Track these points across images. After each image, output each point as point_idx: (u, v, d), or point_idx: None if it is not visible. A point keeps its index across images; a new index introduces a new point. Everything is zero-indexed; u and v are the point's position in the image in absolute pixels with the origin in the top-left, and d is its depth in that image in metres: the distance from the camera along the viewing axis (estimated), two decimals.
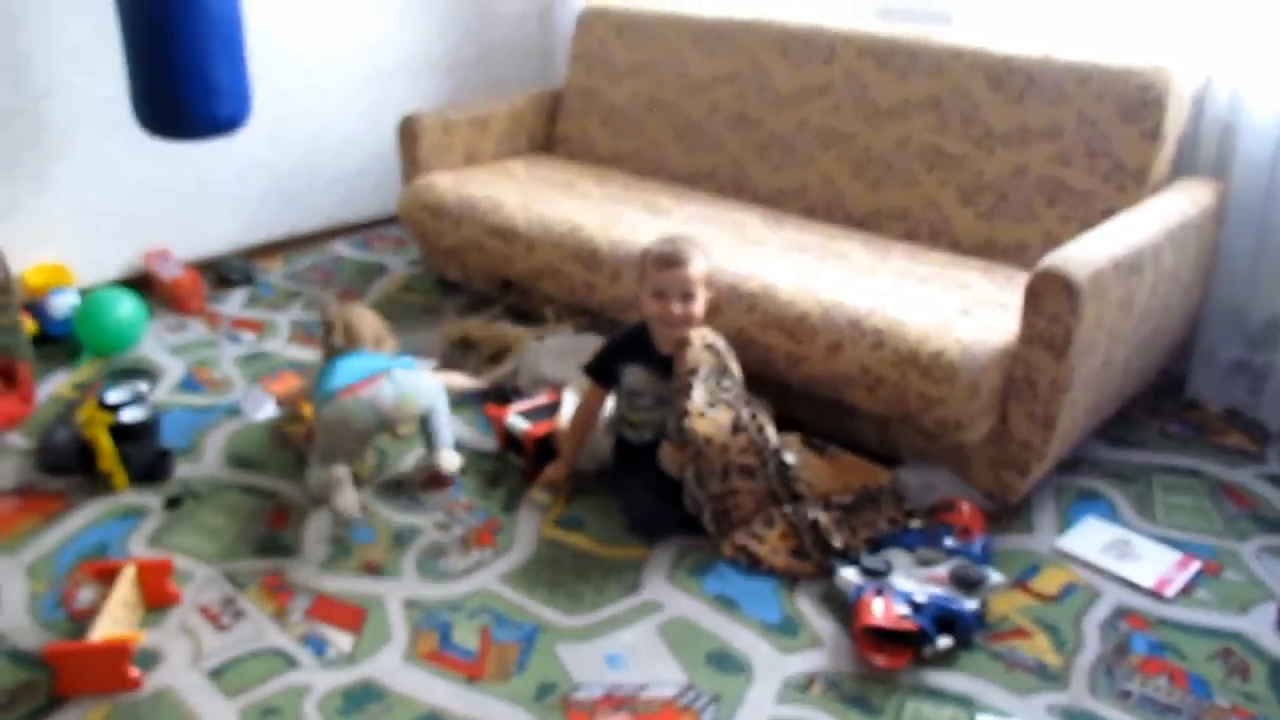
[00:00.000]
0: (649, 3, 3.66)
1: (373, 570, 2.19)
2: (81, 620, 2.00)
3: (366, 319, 2.66)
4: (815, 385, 2.50)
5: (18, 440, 2.64)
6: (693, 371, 2.26)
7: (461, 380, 2.83)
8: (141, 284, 3.46)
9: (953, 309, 2.41)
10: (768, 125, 3.26)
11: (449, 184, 3.39)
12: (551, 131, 3.87)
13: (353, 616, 2.05)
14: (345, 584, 2.14)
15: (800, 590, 2.15)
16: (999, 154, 2.80)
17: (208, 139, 2.96)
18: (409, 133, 3.50)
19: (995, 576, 2.11)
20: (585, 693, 1.88)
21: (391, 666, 1.93)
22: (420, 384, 2.46)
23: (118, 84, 3.21)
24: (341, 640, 1.99)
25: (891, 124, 3.00)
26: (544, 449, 2.50)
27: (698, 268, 2.33)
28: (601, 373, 2.45)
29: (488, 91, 4.25)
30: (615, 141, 3.65)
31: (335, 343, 2.58)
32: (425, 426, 2.48)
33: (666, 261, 2.33)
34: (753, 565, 2.20)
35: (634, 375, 2.40)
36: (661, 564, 2.22)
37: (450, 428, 2.52)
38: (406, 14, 4.04)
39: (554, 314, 3.13)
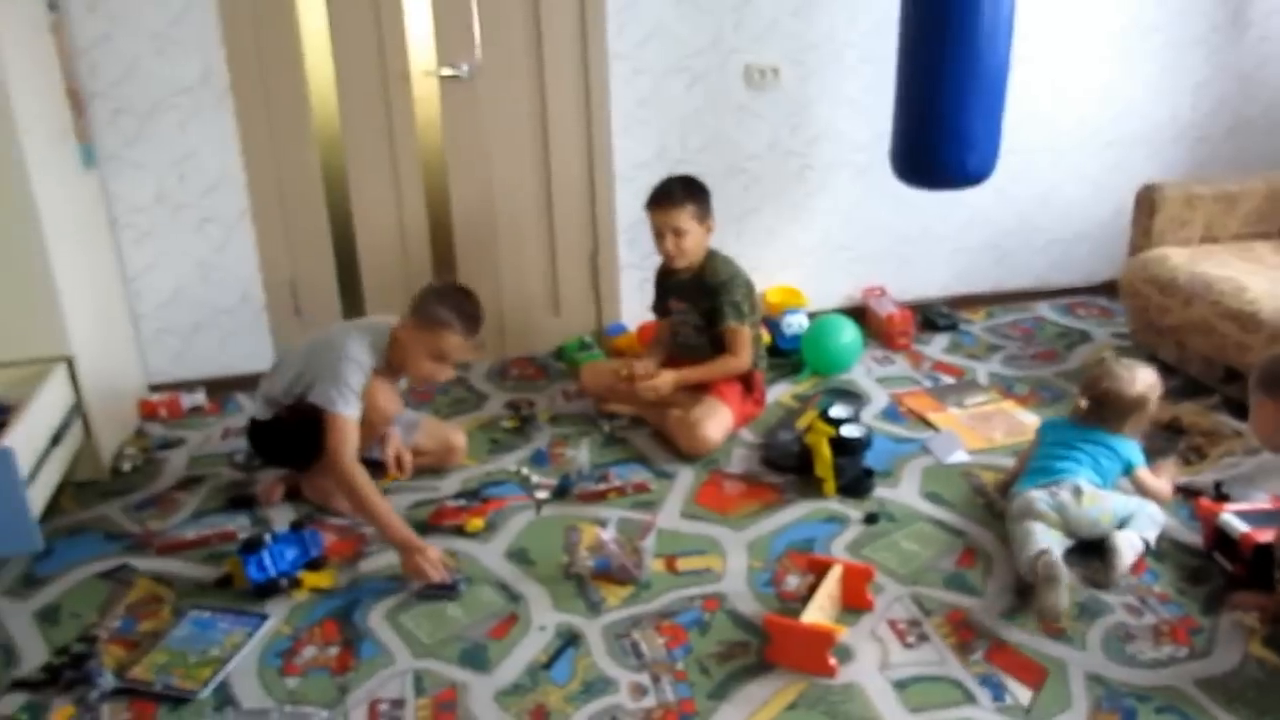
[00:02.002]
0: None
1: (1055, 633, 2.17)
2: (786, 601, 2.27)
3: (1133, 383, 2.52)
4: None
5: (748, 436, 3.06)
6: None
7: (1162, 488, 2.55)
8: (855, 315, 3.79)
9: None
10: None
11: (1183, 259, 3.22)
12: None
13: (1034, 672, 2.05)
14: (1027, 639, 2.16)
15: None
16: None
17: (955, 189, 3.15)
18: (1147, 202, 3.39)
19: None
20: None
21: None
22: (1104, 506, 2.40)
23: (874, 133, 3.56)
24: (1020, 692, 2.00)
25: None
26: (1262, 556, 2.27)
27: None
28: None
29: (1233, 167, 3.95)
30: None
31: (1080, 407, 2.58)
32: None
33: None
34: None
35: None
36: None
37: (1150, 525, 2.39)
38: (1158, 82, 3.91)
39: None
